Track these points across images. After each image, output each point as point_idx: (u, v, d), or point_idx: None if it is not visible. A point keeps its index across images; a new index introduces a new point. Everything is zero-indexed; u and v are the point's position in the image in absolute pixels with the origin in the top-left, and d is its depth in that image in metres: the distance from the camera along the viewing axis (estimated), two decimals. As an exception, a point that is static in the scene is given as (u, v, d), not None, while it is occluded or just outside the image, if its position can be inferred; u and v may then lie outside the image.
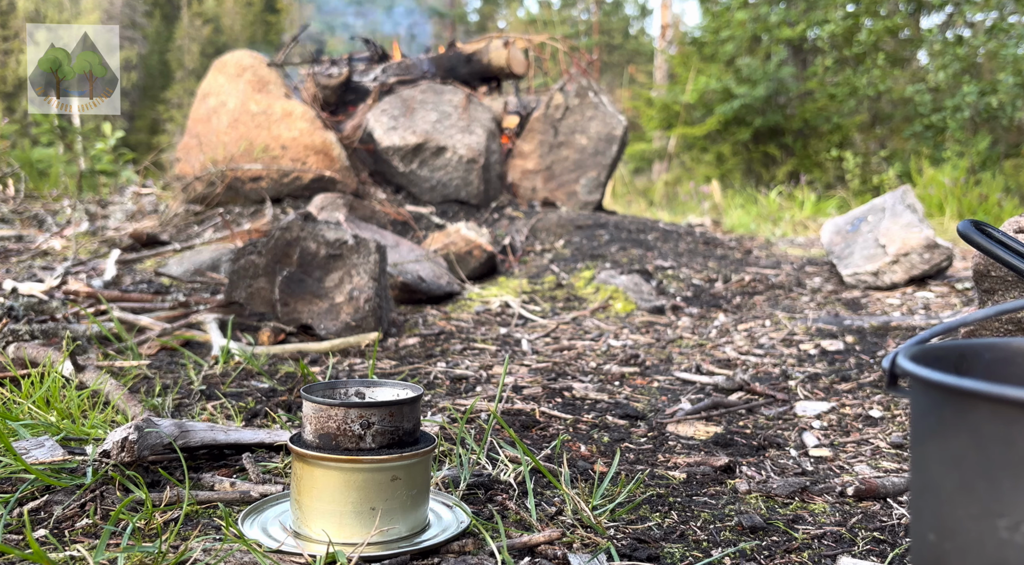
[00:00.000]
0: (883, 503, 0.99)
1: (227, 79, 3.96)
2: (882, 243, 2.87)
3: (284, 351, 1.79)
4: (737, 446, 1.21)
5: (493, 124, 4.04)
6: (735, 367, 1.75)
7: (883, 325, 2.18)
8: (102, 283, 2.59)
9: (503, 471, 1.04)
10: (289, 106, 3.82)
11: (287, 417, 1.27)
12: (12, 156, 6.33)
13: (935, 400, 0.40)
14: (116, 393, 1.25)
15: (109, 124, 6.59)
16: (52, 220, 4.28)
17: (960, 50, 9.11)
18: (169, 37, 21.09)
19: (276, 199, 3.82)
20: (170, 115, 18.27)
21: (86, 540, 0.82)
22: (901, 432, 1.28)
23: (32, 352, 1.51)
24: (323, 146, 3.75)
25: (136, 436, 0.96)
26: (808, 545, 0.86)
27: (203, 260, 2.86)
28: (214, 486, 0.98)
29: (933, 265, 2.83)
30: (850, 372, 1.67)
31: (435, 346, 1.92)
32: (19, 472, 0.95)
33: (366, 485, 0.81)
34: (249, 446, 1.10)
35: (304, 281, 1.97)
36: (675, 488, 1.03)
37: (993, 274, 1.14)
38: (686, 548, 0.85)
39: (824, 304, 2.60)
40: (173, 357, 1.73)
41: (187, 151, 3.98)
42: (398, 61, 4.51)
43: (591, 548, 0.83)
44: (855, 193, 8.07)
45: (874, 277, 2.84)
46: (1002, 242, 0.62)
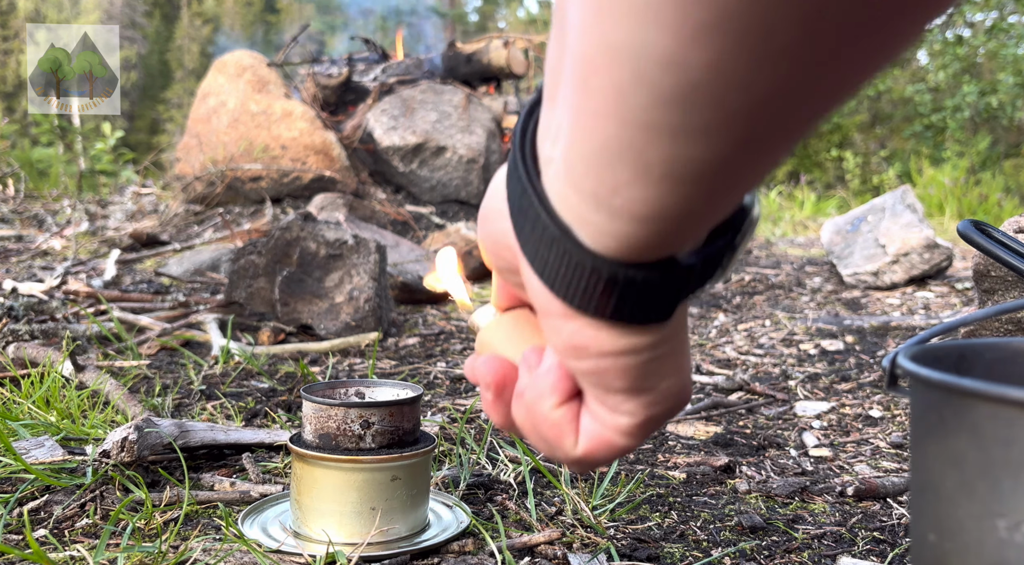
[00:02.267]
0: (883, 503, 0.99)
1: (227, 79, 3.96)
2: (882, 243, 2.87)
3: (284, 351, 1.79)
4: (737, 446, 1.21)
5: (493, 124, 4.04)
6: (735, 367, 1.75)
7: (883, 325, 2.18)
8: (102, 283, 2.59)
9: (503, 471, 1.04)
10: (289, 106, 3.82)
11: (287, 417, 1.27)
12: (12, 156, 6.33)
13: (935, 400, 0.40)
14: (116, 393, 1.25)
15: (109, 124, 6.59)
16: (52, 220, 4.28)
17: (960, 50, 9.12)
18: (169, 37, 21.09)
19: (276, 199, 3.82)
20: (170, 115, 18.27)
21: (86, 540, 0.82)
22: (901, 432, 1.28)
23: (32, 352, 1.51)
24: (323, 146, 3.75)
25: (136, 436, 0.96)
26: (808, 545, 0.86)
27: (203, 260, 2.87)
28: (214, 486, 0.98)
29: (933, 265, 2.83)
30: (850, 372, 1.67)
31: (435, 346, 1.92)
32: (19, 472, 0.95)
33: (366, 485, 0.81)
34: (249, 446, 1.10)
35: (304, 281, 1.97)
36: (675, 488, 1.03)
37: (993, 274, 1.14)
38: (686, 548, 0.85)
39: (824, 304, 2.60)
40: (173, 357, 1.73)
41: (187, 151, 3.98)
42: (398, 61, 4.51)
43: (591, 548, 0.83)
44: (855, 193, 8.07)
45: (874, 277, 2.84)
46: (1002, 242, 0.62)
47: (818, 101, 0.30)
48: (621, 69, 0.29)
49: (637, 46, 0.28)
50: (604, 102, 0.31)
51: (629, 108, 0.30)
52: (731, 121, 0.29)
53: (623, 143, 0.31)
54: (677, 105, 0.29)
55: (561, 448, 0.46)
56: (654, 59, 0.28)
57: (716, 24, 0.26)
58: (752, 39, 0.26)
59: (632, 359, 0.39)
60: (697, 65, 0.27)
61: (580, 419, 0.45)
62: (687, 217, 0.34)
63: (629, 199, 0.33)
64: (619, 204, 0.33)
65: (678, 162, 0.31)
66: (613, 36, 0.28)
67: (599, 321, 0.38)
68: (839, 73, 0.29)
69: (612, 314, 0.37)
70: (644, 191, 0.32)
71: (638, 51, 0.28)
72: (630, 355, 0.39)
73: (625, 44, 0.28)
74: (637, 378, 0.40)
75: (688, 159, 0.31)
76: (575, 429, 0.45)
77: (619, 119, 0.31)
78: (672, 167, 0.31)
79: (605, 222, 0.34)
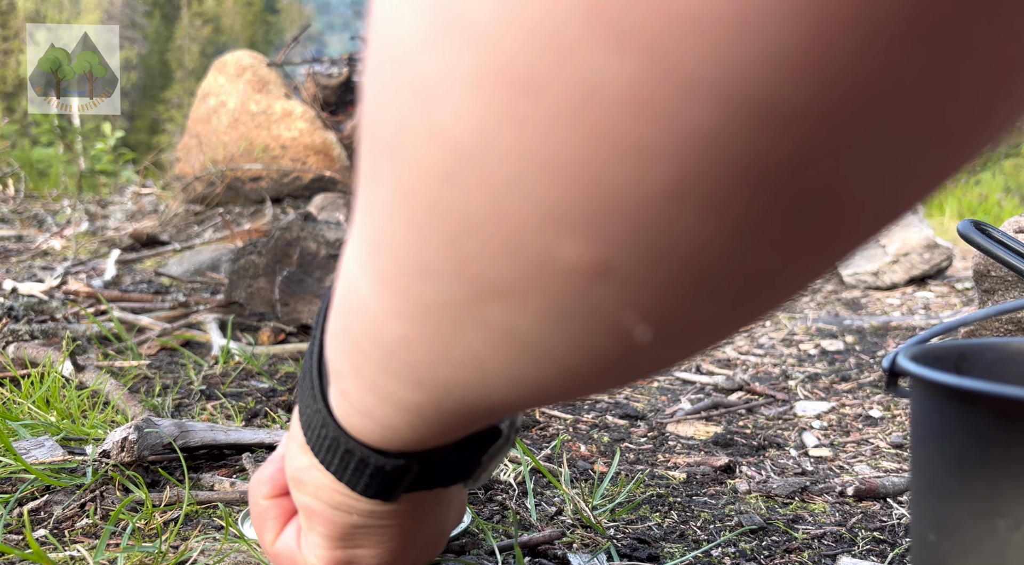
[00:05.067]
0: (883, 503, 0.99)
1: (227, 79, 3.96)
2: (882, 243, 2.87)
3: (284, 351, 1.79)
4: (737, 446, 1.21)
5: (493, 124, 4.04)
6: (735, 367, 1.75)
7: (883, 325, 2.18)
8: (102, 283, 2.59)
9: (503, 471, 1.04)
10: (289, 106, 3.82)
11: (287, 417, 1.27)
12: (12, 156, 6.32)
13: (935, 400, 0.40)
14: (116, 393, 1.25)
15: (109, 124, 6.59)
16: (52, 220, 4.28)
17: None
18: (169, 37, 21.09)
19: (276, 199, 3.81)
20: (170, 115, 18.26)
21: (86, 540, 0.82)
22: (901, 432, 1.28)
23: (32, 352, 1.51)
24: (323, 146, 3.75)
25: (136, 436, 0.96)
26: (808, 545, 0.86)
27: (203, 260, 2.86)
28: (214, 486, 0.98)
29: (933, 265, 2.83)
30: (850, 372, 1.67)
31: (435, 346, 1.92)
32: (19, 472, 0.95)
33: (366, 485, 0.81)
34: (249, 446, 1.10)
35: (304, 281, 1.97)
36: (675, 488, 1.03)
37: (993, 274, 1.14)
38: (686, 548, 0.85)
39: (824, 304, 2.60)
40: (173, 357, 1.73)
41: (187, 151, 3.98)
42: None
43: (591, 548, 0.83)
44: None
45: (874, 277, 2.84)
46: (1002, 242, 0.62)
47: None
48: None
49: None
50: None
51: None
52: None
53: (348, 344, 0.32)
54: (390, 356, 0.30)
55: (261, 536, 0.47)
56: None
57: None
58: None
59: (341, 517, 0.40)
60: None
61: (288, 523, 0.45)
62: (396, 429, 0.34)
63: (346, 387, 0.34)
64: (342, 387, 0.35)
65: (388, 390, 0.32)
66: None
67: (324, 465, 0.38)
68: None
69: (334, 471, 0.38)
70: (357, 390, 0.33)
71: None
72: (341, 512, 0.39)
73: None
74: (339, 536, 0.41)
75: (396, 393, 0.31)
76: (278, 527, 0.45)
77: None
78: (381, 390, 0.32)
79: (335, 392, 0.35)
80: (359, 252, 0.28)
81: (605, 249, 0.20)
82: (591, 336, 0.23)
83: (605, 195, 0.19)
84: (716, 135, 0.18)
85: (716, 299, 0.22)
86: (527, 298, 0.22)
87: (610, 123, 0.18)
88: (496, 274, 0.22)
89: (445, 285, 0.24)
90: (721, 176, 0.19)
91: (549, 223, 0.20)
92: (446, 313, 0.25)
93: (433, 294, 0.25)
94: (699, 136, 0.18)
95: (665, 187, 0.19)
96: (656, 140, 0.18)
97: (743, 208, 0.19)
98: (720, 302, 0.22)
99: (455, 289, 0.24)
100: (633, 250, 0.20)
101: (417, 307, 0.26)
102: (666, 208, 0.19)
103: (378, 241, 0.26)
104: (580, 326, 0.23)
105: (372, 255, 0.27)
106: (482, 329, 0.24)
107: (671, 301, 0.22)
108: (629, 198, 0.19)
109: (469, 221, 0.21)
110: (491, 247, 0.22)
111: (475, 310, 0.24)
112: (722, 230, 0.20)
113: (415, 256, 0.24)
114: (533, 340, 0.24)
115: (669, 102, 0.18)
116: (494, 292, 0.23)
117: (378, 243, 0.26)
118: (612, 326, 0.22)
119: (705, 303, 0.22)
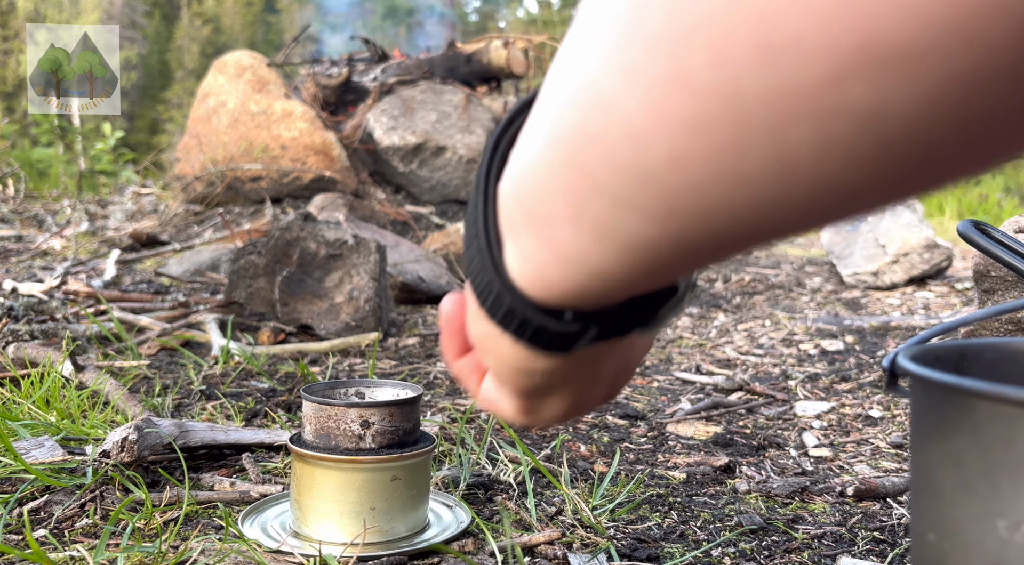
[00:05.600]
0: (883, 503, 0.99)
1: (227, 79, 3.95)
2: (882, 243, 2.87)
3: (284, 351, 1.79)
4: (737, 446, 1.21)
5: (493, 124, 4.04)
6: (735, 367, 1.75)
7: (883, 325, 2.18)
8: (102, 283, 2.59)
9: (503, 471, 1.04)
10: (289, 106, 3.82)
11: (287, 417, 1.27)
12: (12, 156, 6.33)
13: (935, 400, 0.40)
14: (116, 393, 1.25)
15: (109, 124, 6.59)
16: (52, 220, 4.28)
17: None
18: (169, 37, 21.09)
19: (276, 199, 3.81)
20: (170, 115, 18.27)
21: (86, 540, 0.82)
22: (901, 432, 1.28)
23: (32, 352, 1.51)
24: (323, 146, 3.75)
25: (136, 436, 0.96)
26: (808, 545, 0.86)
27: (203, 260, 2.86)
28: (214, 486, 0.98)
29: (933, 265, 2.83)
30: (850, 372, 1.67)
31: (435, 346, 1.92)
32: (19, 472, 0.95)
33: (366, 485, 0.81)
34: (249, 446, 1.10)
35: (304, 281, 1.97)
36: (675, 488, 1.03)
37: (993, 274, 1.15)
38: (686, 548, 0.85)
39: (824, 304, 2.60)
40: (173, 357, 1.73)
41: (187, 151, 3.98)
42: (398, 61, 4.50)
43: (591, 548, 0.83)
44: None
45: (874, 277, 2.84)
46: (1002, 242, 0.62)
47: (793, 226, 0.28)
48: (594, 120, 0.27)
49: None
50: (561, 134, 0.29)
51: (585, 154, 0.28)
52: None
53: (569, 180, 0.30)
54: (640, 185, 0.27)
55: (468, 388, 0.49)
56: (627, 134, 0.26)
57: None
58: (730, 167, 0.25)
59: (525, 378, 0.41)
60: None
61: (485, 375, 0.47)
62: (604, 276, 0.33)
63: (554, 234, 0.32)
64: (547, 234, 0.32)
65: (617, 228, 0.29)
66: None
67: (502, 330, 0.38)
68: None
69: (513, 330, 0.38)
70: (571, 234, 0.31)
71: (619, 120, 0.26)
72: (523, 373, 0.41)
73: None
74: (525, 393, 0.42)
75: (628, 230, 0.29)
76: (477, 379, 0.47)
77: (573, 161, 0.29)
78: (608, 228, 0.30)
79: (531, 246, 0.34)
80: (607, 46, 0.24)
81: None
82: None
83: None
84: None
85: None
86: (918, 66, 0.20)
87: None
88: (896, 35, 0.19)
89: (797, 62, 0.20)
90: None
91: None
92: (777, 105, 0.21)
93: (767, 79, 0.21)
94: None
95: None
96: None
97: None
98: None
99: (814, 66, 0.20)
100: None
101: (724, 102, 0.22)
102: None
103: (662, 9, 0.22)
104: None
105: (647, 43, 0.22)
106: (837, 117, 0.21)
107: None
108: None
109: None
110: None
111: (835, 94, 0.20)
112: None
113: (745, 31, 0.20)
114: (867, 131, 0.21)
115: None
116: (884, 59, 0.20)
117: (668, 15, 0.22)
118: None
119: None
